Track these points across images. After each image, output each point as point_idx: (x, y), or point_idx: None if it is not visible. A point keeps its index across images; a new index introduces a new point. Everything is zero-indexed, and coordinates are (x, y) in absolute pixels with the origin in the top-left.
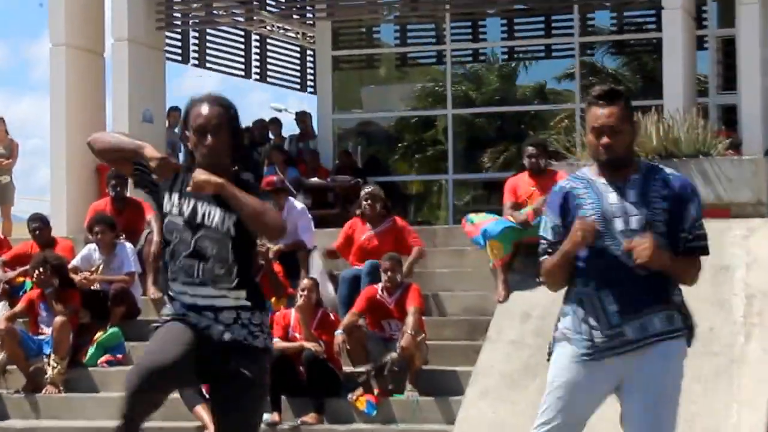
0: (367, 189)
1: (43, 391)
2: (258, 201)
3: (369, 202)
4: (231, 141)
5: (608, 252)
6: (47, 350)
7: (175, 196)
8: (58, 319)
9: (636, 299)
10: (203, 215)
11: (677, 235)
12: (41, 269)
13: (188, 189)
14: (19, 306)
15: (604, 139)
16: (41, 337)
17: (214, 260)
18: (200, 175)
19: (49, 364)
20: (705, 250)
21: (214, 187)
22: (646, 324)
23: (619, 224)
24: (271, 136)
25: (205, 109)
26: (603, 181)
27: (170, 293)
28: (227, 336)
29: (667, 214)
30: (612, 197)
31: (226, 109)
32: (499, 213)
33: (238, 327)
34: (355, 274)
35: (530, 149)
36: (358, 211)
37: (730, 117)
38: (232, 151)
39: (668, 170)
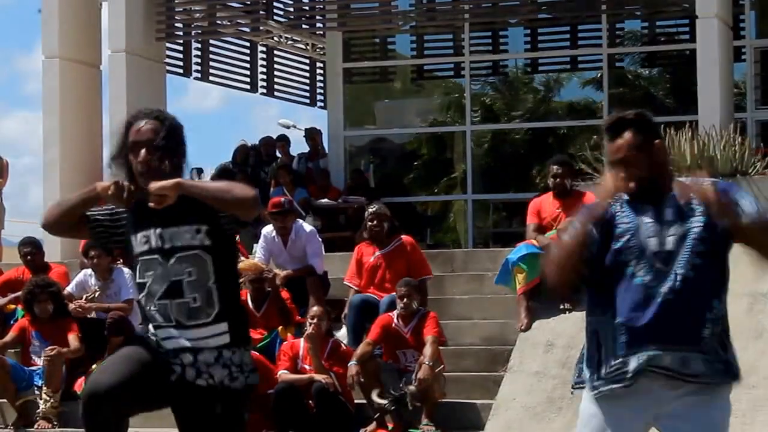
0: (372, 209)
1: (35, 426)
2: (219, 182)
3: (375, 222)
4: (167, 155)
5: (636, 278)
6: (39, 382)
7: (140, 234)
8: (49, 349)
9: (661, 331)
10: (171, 238)
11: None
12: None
13: (150, 205)
14: (10, 335)
15: (623, 171)
16: (33, 368)
17: (191, 289)
18: (154, 185)
19: (41, 398)
20: None
21: (172, 188)
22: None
23: (653, 244)
24: (278, 154)
25: (139, 124)
26: (628, 208)
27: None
28: (203, 382)
29: (710, 227)
30: (647, 217)
31: (161, 123)
32: (523, 237)
33: (219, 367)
34: (364, 299)
35: (555, 168)
36: (365, 234)
37: None
38: (171, 164)
39: (708, 179)
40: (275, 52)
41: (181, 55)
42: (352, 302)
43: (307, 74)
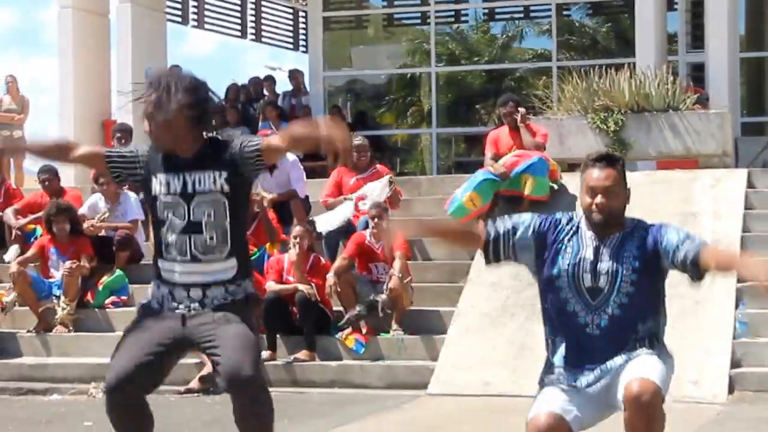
0: (356, 141)
1: (54, 330)
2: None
3: (359, 153)
4: (186, 121)
5: (568, 305)
6: (57, 292)
7: (161, 176)
8: (69, 263)
9: (585, 356)
10: (193, 183)
11: (674, 261)
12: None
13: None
14: (31, 251)
15: (599, 199)
16: (51, 280)
17: (208, 229)
18: None
19: (58, 306)
20: (705, 246)
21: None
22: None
23: (587, 280)
24: (265, 92)
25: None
26: (589, 234)
27: (158, 271)
28: (208, 305)
29: (640, 271)
30: (589, 252)
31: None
32: (479, 165)
33: (221, 293)
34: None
35: (504, 106)
36: (348, 162)
37: (697, 74)
38: (192, 127)
39: (649, 224)
40: (263, 2)
41: (179, 5)
42: (331, 236)
43: (291, 22)
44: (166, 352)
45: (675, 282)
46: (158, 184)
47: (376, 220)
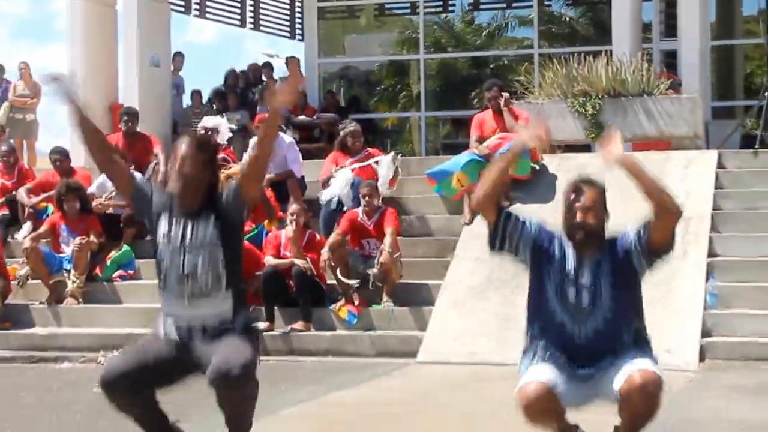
0: (351, 128)
1: (64, 302)
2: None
3: (354, 138)
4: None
5: (556, 316)
6: (67, 266)
7: (164, 222)
8: (78, 239)
9: (572, 364)
10: (191, 233)
11: (638, 242)
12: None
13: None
14: (43, 228)
15: (579, 218)
16: (62, 255)
17: (204, 273)
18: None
19: (69, 279)
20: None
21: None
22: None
23: (571, 296)
24: (263, 78)
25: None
26: (572, 252)
27: (162, 302)
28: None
29: (619, 287)
30: (571, 267)
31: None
32: (465, 147)
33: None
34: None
35: (489, 91)
36: (336, 145)
37: (671, 61)
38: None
39: (616, 236)
40: None
41: None
42: (328, 206)
43: (288, 12)
44: (163, 360)
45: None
46: (160, 229)
47: (367, 198)
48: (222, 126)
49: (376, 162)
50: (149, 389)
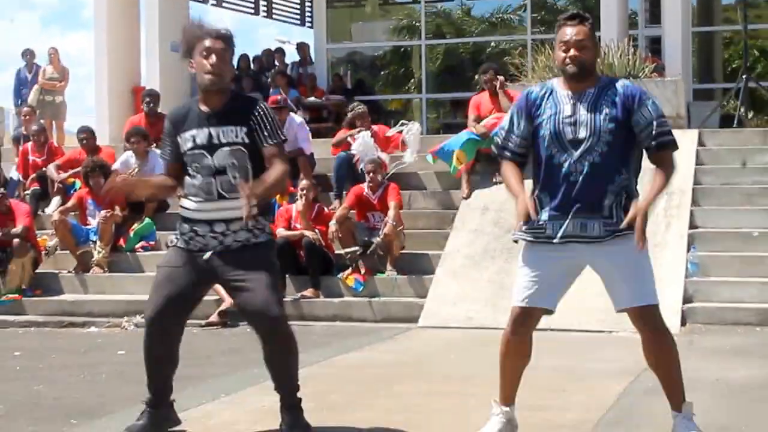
0: (359, 110)
1: (91, 271)
2: (275, 176)
3: (361, 120)
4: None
5: (554, 159)
6: (93, 238)
7: (186, 133)
8: (103, 212)
9: (568, 204)
10: (218, 135)
11: (641, 135)
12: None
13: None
14: (71, 202)
15: (572, 52)
16: (88, 227)
17: (231, 170)
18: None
19: (95, 249)
20: (674, 144)
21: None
22: (584, 224)
23: (568, 133)
24: (276, 63)
25: (211, 38)
26: (565, 93)
27: (183, 212)
28: (232, 243)
29: (617, 121)
30: (567, 108)
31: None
32: (464, 126)
33: (244, 232)
34: (347, 156)
35: (485, 74)
36: (345, 124)
37: (655, 46)
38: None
39: (624, 82)
40: None
41: None
42: (340, 155)
43: (299, 1)
44: (195, 285)
45: None
46: (184, 142)
47: (371, 174)
48: None
49: (399, 132)
50: (186, 316)
